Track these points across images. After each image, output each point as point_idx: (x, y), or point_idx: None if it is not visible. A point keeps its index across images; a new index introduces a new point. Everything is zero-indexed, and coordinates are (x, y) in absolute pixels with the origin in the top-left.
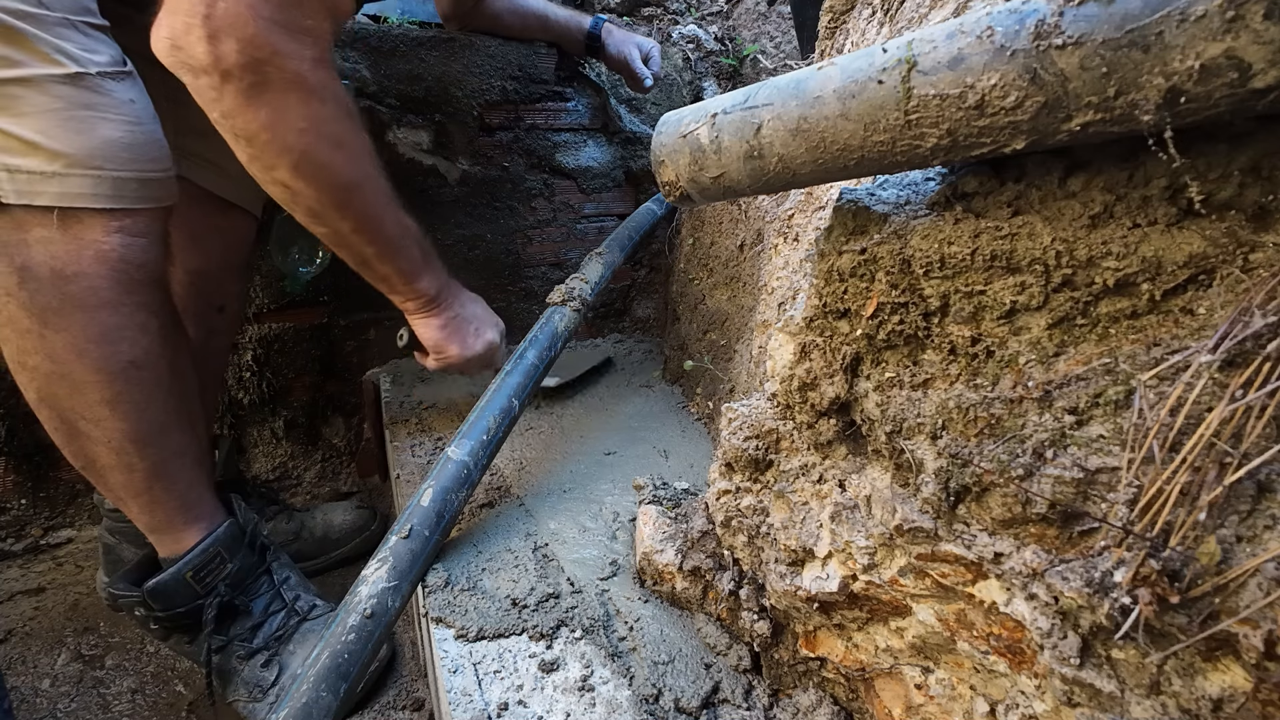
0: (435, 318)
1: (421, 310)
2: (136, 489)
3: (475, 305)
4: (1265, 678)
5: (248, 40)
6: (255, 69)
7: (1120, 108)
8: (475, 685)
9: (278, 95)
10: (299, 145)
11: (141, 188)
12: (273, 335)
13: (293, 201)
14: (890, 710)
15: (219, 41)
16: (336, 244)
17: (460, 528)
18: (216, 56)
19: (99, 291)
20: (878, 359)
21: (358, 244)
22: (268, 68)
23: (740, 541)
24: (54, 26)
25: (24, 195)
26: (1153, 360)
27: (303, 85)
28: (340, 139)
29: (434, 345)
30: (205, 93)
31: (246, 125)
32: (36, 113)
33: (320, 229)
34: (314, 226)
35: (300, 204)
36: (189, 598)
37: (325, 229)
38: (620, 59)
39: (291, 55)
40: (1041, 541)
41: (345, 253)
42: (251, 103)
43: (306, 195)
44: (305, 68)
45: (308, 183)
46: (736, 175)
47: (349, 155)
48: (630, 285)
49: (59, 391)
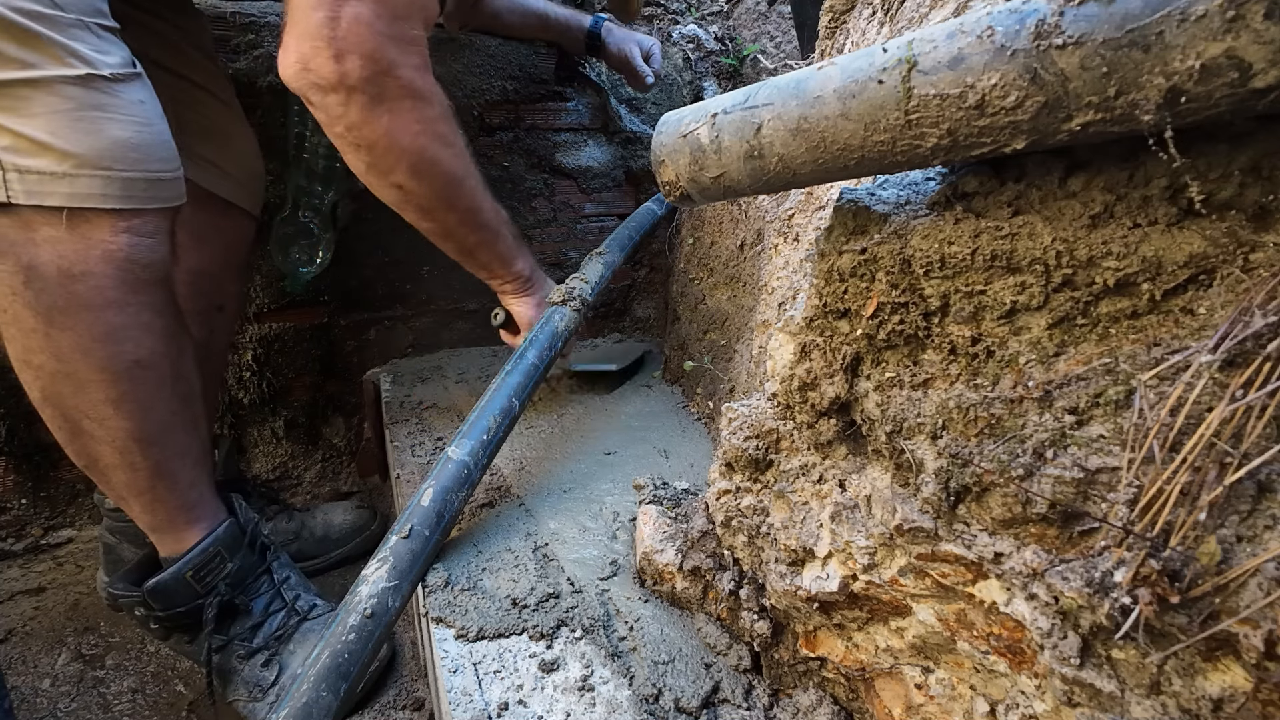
0: (531, 296)
1: (519, 291)
2: (139, 488)
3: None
4: (1265, 678)
5: (368, 55)
6: (376, 81)
7: (1120, 107)
8: (475, 685)
9: (395, 103)
10: (414, 147)
11: (150, 188)
12: (273, 335)
13: (405, 201)
14: (890, 710)
15: (344, 59)
16: (443, 236)
17: (460, 527)
18: (343, 73)
19: (105, 291)
20: (878, 359)
21: (463, 234)
22: (386, 79)
23: (740, 541)
24: (68, 28)
25: (33, 195)
26: (1153, 360)
27: (415, 92)
28: (447, 138)
29: (529, 322)
30: (332, 109)
31: (369, 134)
32: (47, 113)
33: (428, 224)
34: (422, 222)
35: (412, 203)
36: (189, 597)
37: (433, 224)
38: (621, 57)
39: (404, 65)
40: (1042, 541)
41: (450, 244)
42: (373, 112)
43: (420, 193)
44: (415, 75)
45: (421, 181)
46: (737, 175)
47: (455, 152)
48: (630, 285)
49: (63, 390)
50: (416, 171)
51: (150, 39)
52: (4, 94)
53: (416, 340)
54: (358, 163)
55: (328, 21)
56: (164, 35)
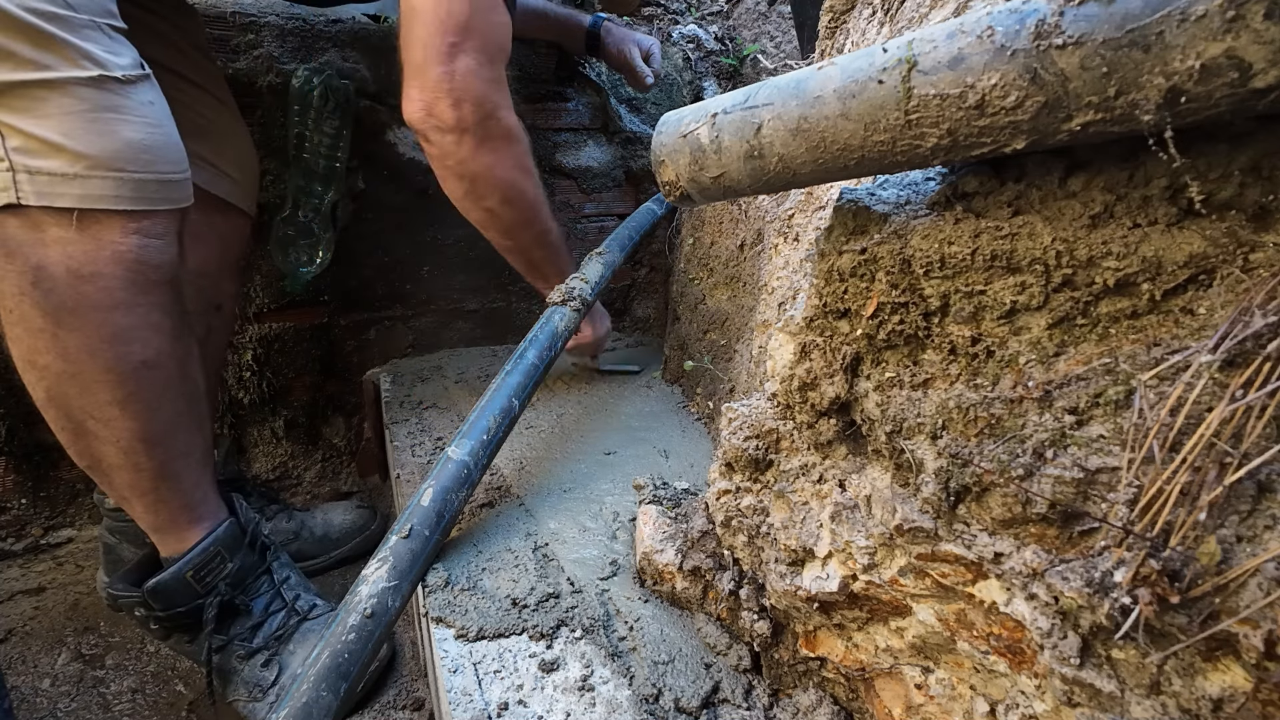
0: None
1: None
2: (143, 488)
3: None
4: (1265, 678)
5: (478, 102)
6: (484, 124)
7: (1121, 107)
8: (475, 685)
9: (497, 142)
10: (508, 179)
11: (161, 189)
12: (273, 335)
13: (491, 223)
14: (890, 710)
15: (461, 106)
16: (516, 253)
17: (460, 527)
18: (459, 117)
19: (114, 292)
20: (878, 359)
21: (534, 251)
22: (490, 121)
23: (740, 541)
24: (81, 29)
25: (44, 197)
26: (1153, 360)
27: (510, 132)
28: (531, 171)
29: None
30: (448, 146)
31: (474, 168)
32: (61, 115)
33: (507, 242)
34: (501, 240)
35: (498, 224)
36: (189, 597)
37: (511, 242)
38: (621, 57)
39: (502, 106)
40: (1041, 541)
41: (521, 258)
42: (480, 149)
43: (506, 217)
44: (509, 115)
45: (509, 207)
46: (737, 175)
47: (535, 182)
48: (630, 285)
49: (69, 391)
50: (507, 199)
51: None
52: (18, 95)
53: (416, 340)
54: (457, 189)
55: (446, 75)
56: (162, 34)
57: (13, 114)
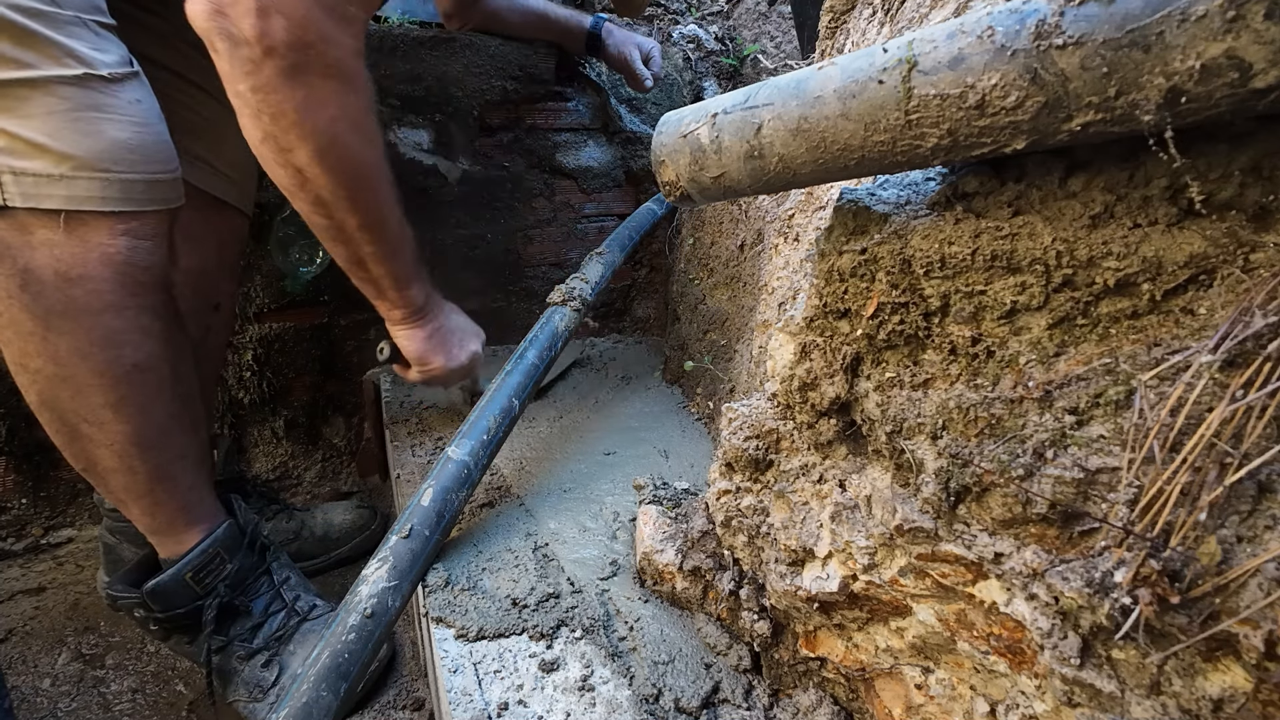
0: (421, 329)
1: (408, 320)
2: (138, 491)
3: (457, 315)
4: (1265, 678)
5: (298, 21)
6: (300, 50)
7: (1121, 108)
8: (475, 685)
9: (317, 79)
10: (329, 131)
11: (149, 189)
12: (273, 335)
13: (300, 188)
14: (890, 710)
15: (269, 17)
16: (335, 238)
17: (460, 527)
18: (263, 31)
19: (104, 295)
20: (878, 359)
21: (359, 241)
22: (312, 51)
23: (740, 541)
24: (66, 26)
25: (29, 198)
26: (1153, 360)
27: (342, 73)
28: (367, 131)
29: (418, 357)
30: (241, 64)
31: (278, 104)
32: (44, 114)
33: (321, 219)
34: (315, 216)
35: (309, 191)
36: (189, 598)
37: (327, 220)
38: (620, 58)
39: (335, 42)
40: (1042, 542)
41: (342, 248)
42: (288, 83)
43: (320, 182)
44: (346, 56)
45: (326, 170)
46: (737, 175)
47: (373, 149)
48: (630, 285)
49: (61, 394)
50: (323, 157)
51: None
52: (1, 94)
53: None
54: (253, 130)
55: None
56: (157, 31)
57: None
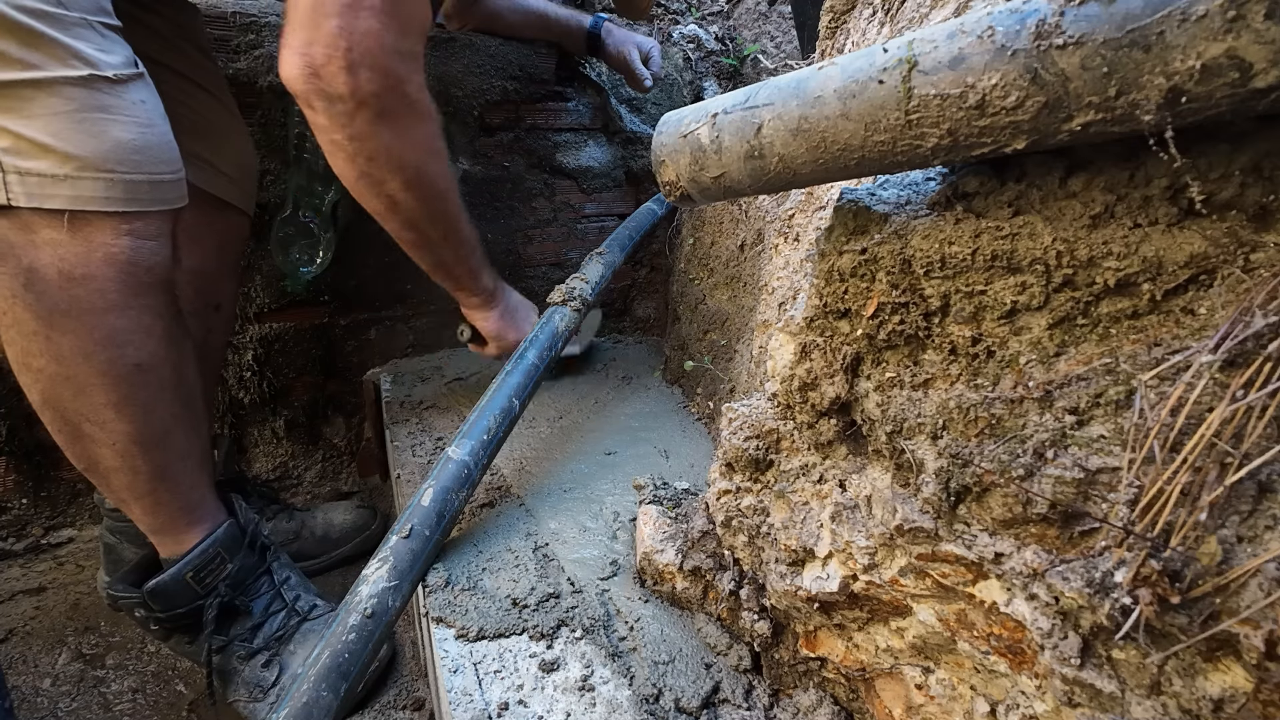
0: (494, 310)
1: (484, 305)
2: (140, 491)
3: (516, 294)
4: (1266, 678)
5: (381, 71)
6: (385, 96)
7: (1121, 108)
8: (475, 685)
9: (401, 119)
10: (413, 162)
11: (153, 190)
12: (273, 335)
13: (392, 212)
14: (891, 710)
15: (357, 73)
16: (420, 248)
17: (461, 527)
18: (354, 86)
19: (107, 294)
20: (878, 359)
21: (441, 248)
22: (394, 94)
23: (740, 541)
24: (72, 27)
25: (34, 198)
26: (1154, 360)
27: (417, 108)
28: (440, 154)
29: (496, 334)
30: (337, 117)
31: (372, 147)
32: (49, 115)
33: (410, 235)
34: (403, 233)
35: (400, 214)
36: (189, 598)
37: (414, 235)
38: (620, 58)
39: (410, 81)
40: (1042, 542)
41: (426, 255)
42: (378, 127)
43: (409, 206)
44: (418, 91)
45: (414, 194)
46: (737, 175)
47: (445, 168)
48: (630, 285)
49: (64, 394)
50: (410, 185)
51: (147, 35)
52: (6, 95)
53: (416, 340)
54: (349, 171)
55: (341, 32)
56: (161, 32)
57: (1, 114)
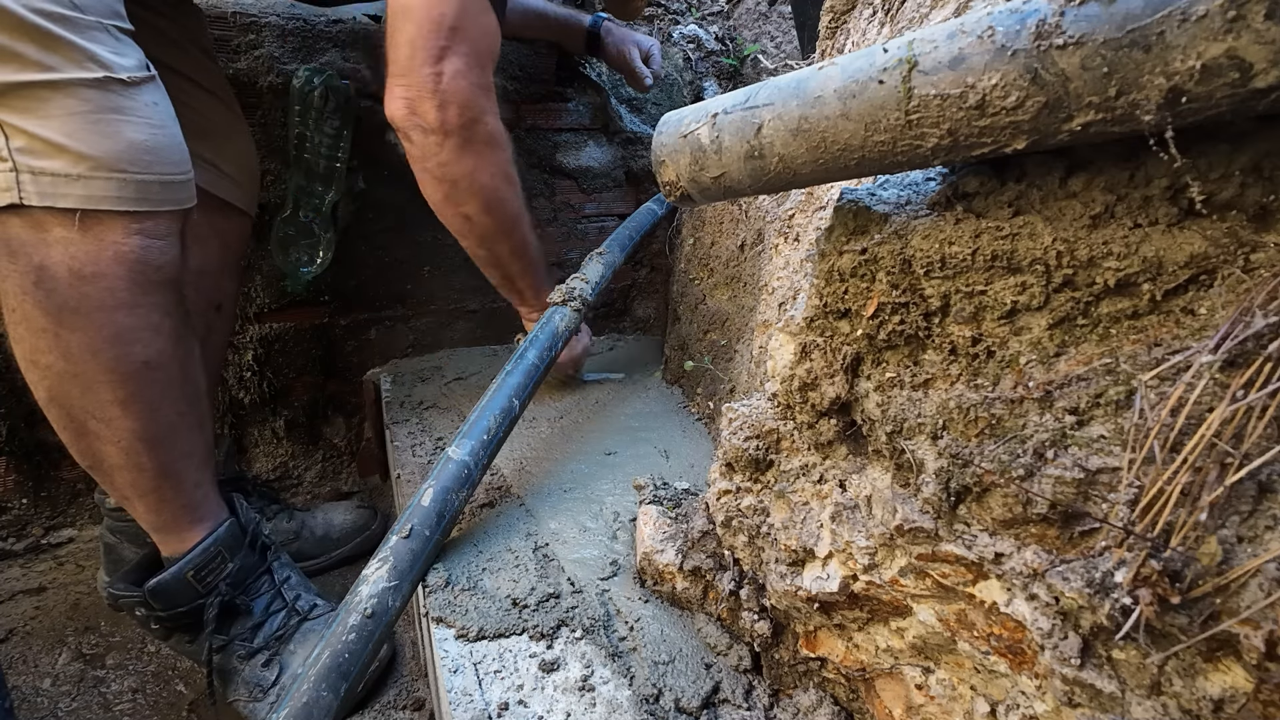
0: None
1: None
2: (144, 488)
3: None
4: (1266, 678)
5: (465, 105)
6: (469, 127)
7: (1121, 108)
8: (476, 685)
9: (481, 147)
10: (490, 185)
11: (164, 190)
12: (273, 335)
13: (469, 230)
14: (891, 710)
15: (447, 108)
16: (492, 264)
17: (461, 527)
18: (443, 120)
19: (116, 292)
20: (878, 359)
21: (510, 263)
22: (475, 125)
23: (741, 541)
24: (87, 30)
25: (47, 197)
26: (1154, 360)
27: (495, 138)
28: (514, 179)
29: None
30: (429, 147)
31: (455, 172)
32: (64, 115)
33: (482, 251)
34: (477, 249)
35: (475, 232)
36: (190, 597)
37: (486, 252)
38: (620, 57)
39: (488, 112)
40: (1042, 542)
41: (496, 270)
42: (462, 154)
43: (485, 225)
44: (494, 121)
45: (490, 215)
46: (737, 175)
47: (517, 191)
48: (630, 285)
49: (71, 391)
50: (487, 207)
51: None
52: (22, 95)
53: (416, 340)
54: (435, 193)
55: (433, 77)
56: (165, 33)
57: (16, 114)
